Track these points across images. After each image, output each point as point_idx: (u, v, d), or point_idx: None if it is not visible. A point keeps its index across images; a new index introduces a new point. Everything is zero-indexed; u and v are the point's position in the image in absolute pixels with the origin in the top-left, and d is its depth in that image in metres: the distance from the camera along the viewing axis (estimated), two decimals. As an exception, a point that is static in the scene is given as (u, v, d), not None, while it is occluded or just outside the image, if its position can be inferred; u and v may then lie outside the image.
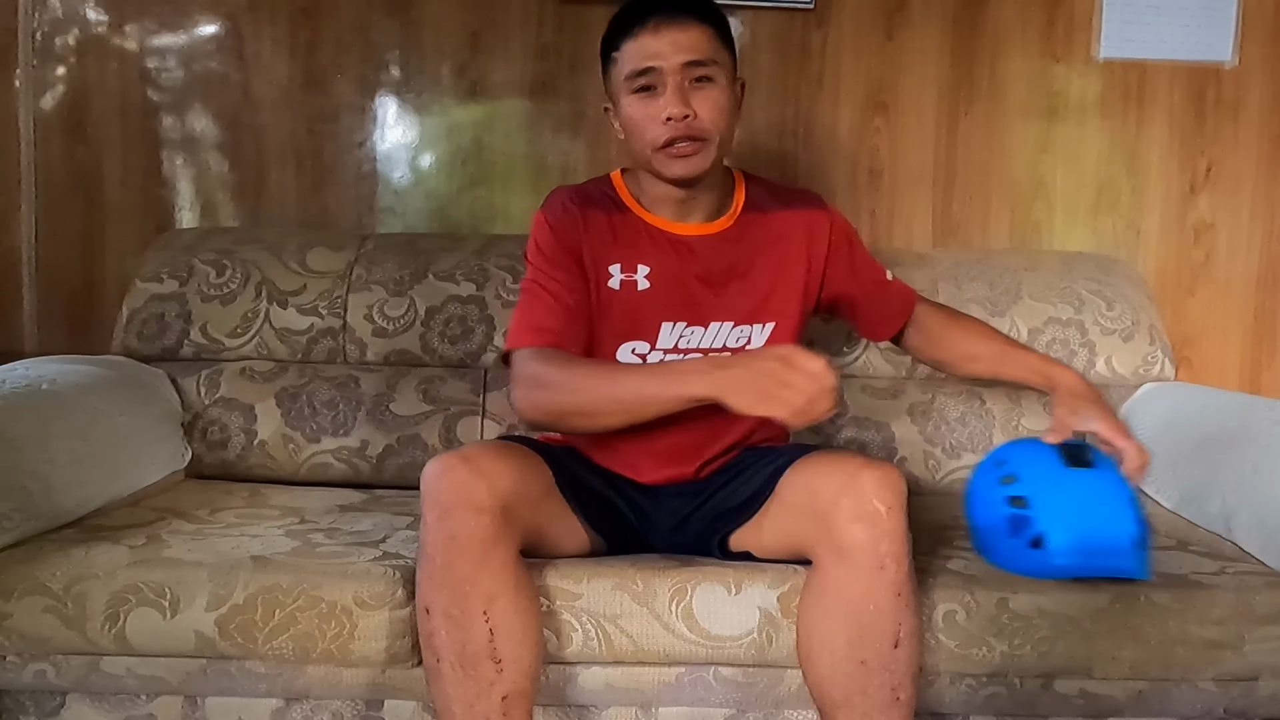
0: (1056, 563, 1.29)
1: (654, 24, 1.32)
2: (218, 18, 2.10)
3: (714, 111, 1.34)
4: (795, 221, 1.47)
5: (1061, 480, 1.32)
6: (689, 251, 1.42)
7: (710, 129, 1.34)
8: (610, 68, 1.38)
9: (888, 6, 2.10)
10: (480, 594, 1.17)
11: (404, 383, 1.84)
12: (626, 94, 1.35)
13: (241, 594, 1.29)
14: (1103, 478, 1.33)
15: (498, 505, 1.18)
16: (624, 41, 1.35)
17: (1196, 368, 2.17)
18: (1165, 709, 1.35)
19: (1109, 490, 1.32)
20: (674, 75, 1.32)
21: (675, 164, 1.35)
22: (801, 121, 2.12)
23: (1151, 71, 2.12)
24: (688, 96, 1.32)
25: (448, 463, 1.20)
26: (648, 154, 1.36)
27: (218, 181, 2.14)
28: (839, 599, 1.19)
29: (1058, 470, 1.33)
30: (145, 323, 1.87)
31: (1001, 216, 2.15)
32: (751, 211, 1.46)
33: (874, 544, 1.16)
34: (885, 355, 1.87)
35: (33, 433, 1.44)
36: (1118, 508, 1.31)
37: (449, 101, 2.13)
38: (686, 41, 1.32)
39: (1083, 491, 1.31)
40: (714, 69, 1.34)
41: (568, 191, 1.45)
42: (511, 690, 1.18)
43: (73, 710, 1.37)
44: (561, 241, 1.40)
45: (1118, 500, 1.31)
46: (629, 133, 1.38)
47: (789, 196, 1.50)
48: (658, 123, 1.33)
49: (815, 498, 1.20)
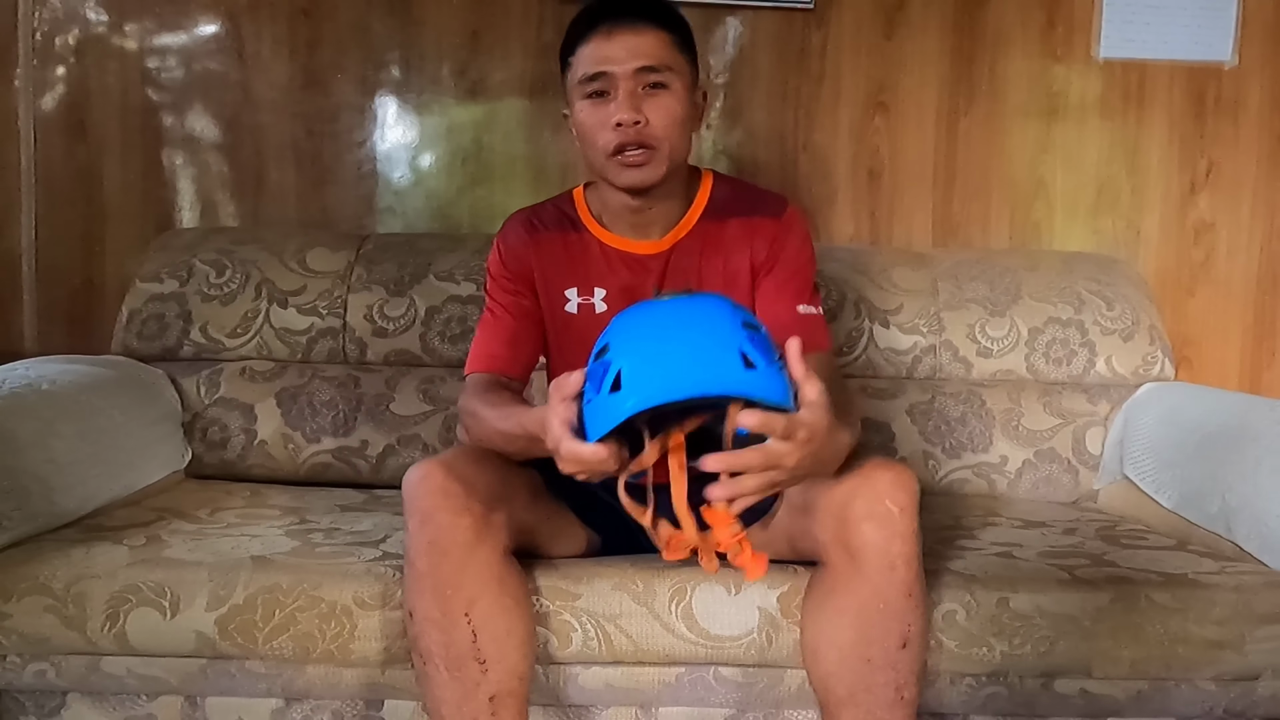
0: (637, 395, 1.02)
1: (607, 28, 1.30)
2: (218, 18, 2.10)
3: (666, 119, 1.30)
4: (746, 229, 1.39)
5: (644, 312, 1.09)
6: (644, 270, 1.39)
7: (661, 137, 1.30)
8: (566, 72, 1.36)
9: (888, 6, 2.10)
10: (462, 596, 1.18)
11: (404, 383, 1.84)
12: (579, 98, 1.33)
13: (241, 594, 1.29)
14: (697, 302, 1.08)
15: (478, 508, 1.19)
16: (579, 46, 1.32)
17: (1196, 368, 2.17)
18: (1165, 709, 1.34)
19: (704, 310, 1.07)
20: (626, 81, 1.29)
21: (625, 173, 1.32)
22: (801, 121, 2.12)
23: (1151, 71, 2.12)
24: (639, 103, 1.29)
25: (426, 469, 1.20)
26: (600, 161, 1.33)
27: (218, 181, 2.14)
28: (849, 598, 1.18)
29: (642, 305, 1.10)
30: (145, 323, 1.87)
31: (1001, 216, 2.15)
32: (709, 219, 1.40)
33: (886, 544, 1.16)
34: (885, 355, 1.87)
35: (33, 433, 1.44)
36: (713, 325, 1.05)
37: (449, 101, 2.13)
38: (640, 46, 1.29)
39: (668, 317, 1.07)
40: (668, 75, 1.31)
41: (524, 216, 1.45)
42: (499, 690, 1.19)
43: (73, 710, 1.37)
44: (510, 269, 1.42)
45: (714, 318, 1.05)
46: (582, 138, 1.35)
47: (751, 201, 1.42)
48: (608, 128, 1.30)
49: (827, 497, 1.20)
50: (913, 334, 1.87)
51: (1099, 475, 1.82)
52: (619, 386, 1.02)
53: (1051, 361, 1.87)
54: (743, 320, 1.06)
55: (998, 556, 1.43)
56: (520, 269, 1.41)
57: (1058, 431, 1.83)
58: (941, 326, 1.87)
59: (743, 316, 1.06)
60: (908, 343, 1.87)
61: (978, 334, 1.87)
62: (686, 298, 1.09)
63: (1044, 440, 1.83)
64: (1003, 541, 1.51)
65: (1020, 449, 1.82)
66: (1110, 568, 1.39)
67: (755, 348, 1.03)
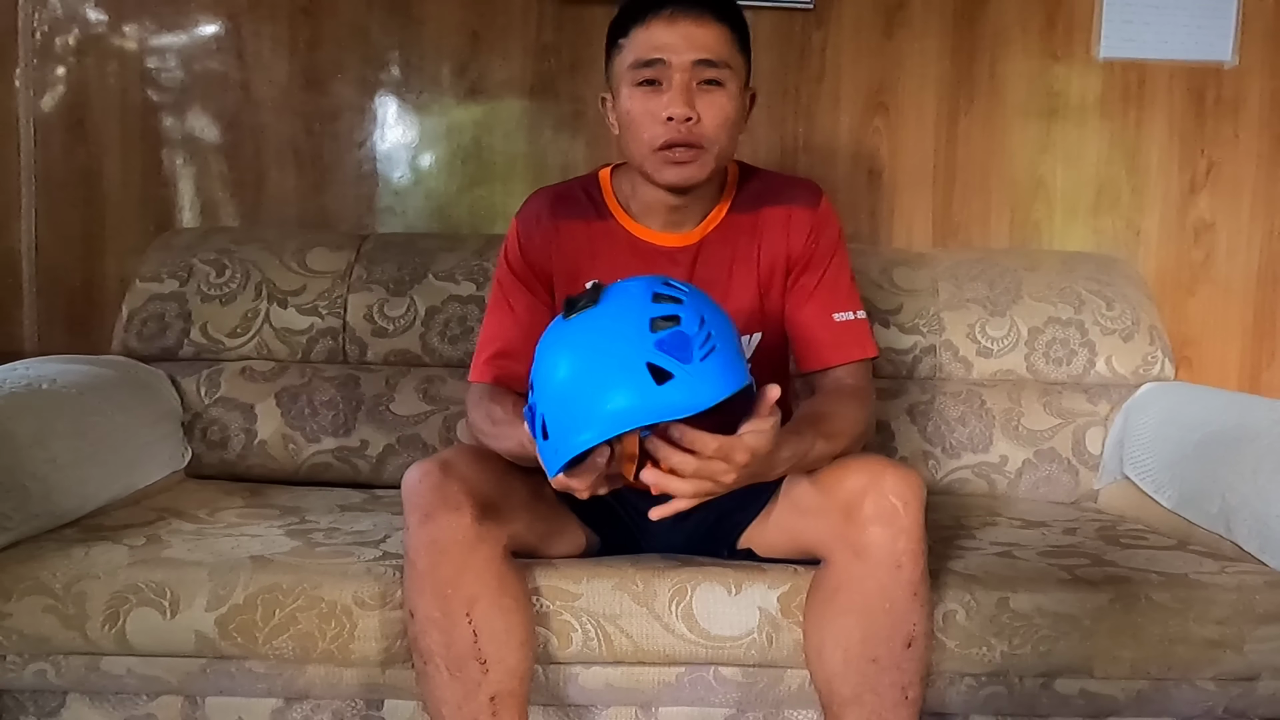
0: (561, 445, 1.00)
1: (670, 13, 1.23)
2: (218, 18, 2.10)
3: (718, 118, 1.25)
4: (778, 217, 1.34)
5: (552, 342, 1.03)
6: (672, 264, 1.33)
7: (711, 137, 1.25)
8: (615, 54, 1.28)
9: (888, 6, 2.10)
10: (462, 596, 1.17)
11: (404, 383, 1.84)
12: (628, 85, 1.25)
13: (241, 594, 1.29)
14: (600, 316, 1.00)
15: (477, 508, 1.18)
16: (634, 27, 1.25)
17: (1196, 368, 2.17)
18: (1165, 709, 1.34)
19: (608, 325, 0.99)
20: (682, 72, 1.23)
21: (669, 170, 1.26)
22: (801, 121, 2.12)
23: (1151, 71, 2.12)
24: (693, 98, 1.23)
25: (426, 468, 1.20)
26: (642, 154, 1.27)
27: (218, 181, 2.14)
28: (854, 597, 1.18)
29: (550, 331, 1.04)
30: (145, 323, 1.87)
31: (1001, 216, 2.15)
32: (739, 211, 1.36)
33: (892, 542, 1.16)
34: (885, 355, 1.87)
35: (33, 432, 1.44)
36: (616, 344, 0.98)
37: (449, 101, 2.13)
38: (702, 38, 1.23)
39: (576, 343, 1.00)
40: (725, 73, 1.25)
41: (547, 199, 1.39)
42: (499, 690, 1.18)
43: (73, 710, 1.37)
44: (529, 260, 1.36)
45: (618, 332, 0.98)
46: (624, 128, 1.28)
47: (781, 190, 1.37)
48: (657, 121, 1.24)
49: (832, 496, 1.20)
50: (913, 334, 1.87)
51: (1099, 475, 1.82)
52: (547, 434, 1.01)
53: (1051, 361, 1.87)
54: (650, 319, 0.99)
55: (998, 556, 1.43)
56: (538, 257, 1.36)
57: (1058, 431, 1.83)
58: (941, 326, 1.87)
59: (650, 313, 0.99)
60: (908, 343, 1.87)
61: (978, 334, 1.87)
62: (589, 313, 1.01)
63: (1044, 440, 1.83)
64: (1003, 541, 1.51)
65: (1020, 449, 1.83)
66: (1110, 568, 1.39)
67: (669, 351, 0.97)
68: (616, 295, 1.03)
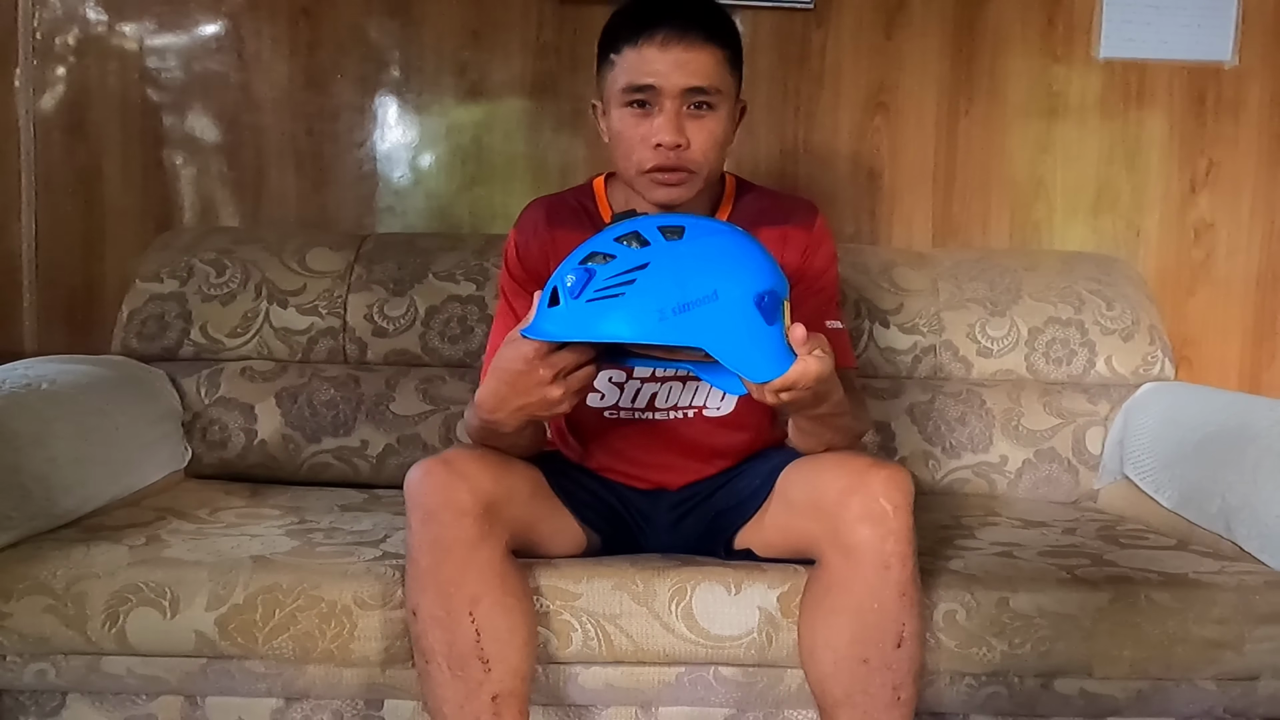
0: (662, 325, 1.04)
1: (663, 37, 1.22)
2: (218, 18, 2.10)
3: (708, 143, 1.26)
4: (777, 239, 1.34)
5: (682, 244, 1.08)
6: None
7: (700, 161, 1.26)
8: (606, 69, 1.29)
9: (888, 6, 2.10)
10: (465, 595, 1.17)
11: (404, 383, 1.84)
12: (618, 105, 1.27)
13: (241, 594, 1.29)
14: (615, 229, 1.08)
15: (480, 506, 1.18)
16: (625, 47, 1.25)
17: (1196, 368, 2.17)
18: (1165, 709, 1.35)
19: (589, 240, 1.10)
20: (672, 100, 1.23)
21: (658, 191, 1.28)
22: (801, 121, 2.12)
23: (1151, 71, 2.12)
24: (683, 124, 1.24)
25: (429, 466, 1.20)
26: (631, 174, 1.29)
27: (218, 181, 2.14)
28: (843, 597, 1.18)
29: (685, 229, 1.09)
30: (145, 323, 1.87)
31: (1001, 216, 2.15)
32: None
33: (880, 543, 1.16)
34: (885, 355, 1.87)
35: (33, 433, 1.44)
36: (572, 256, 1.08)
37: (449, 101, 2.13)
38: (693, 65, 1.23)
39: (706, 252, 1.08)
40: (716, 97, 1.25)
41: (543, 208, 1.40)
42: (501, 690, 1.18)
43: (73, 710, 1.37)
44: (528, 268, 1.37)
45: (581, 249, 1.08)
46: (614, 145, 1.30)
47: (777, 209, 1.39)
48: (647, 145, 1.25)
49: (821, 495, 1.20)
50: (913, 334, 1.87)
51: (1099, 475, 1.82)
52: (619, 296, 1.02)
53: (1051, 361, 1.87)
54: (594, 250, 1.06)
55: (998, 556, 1.43)
56: (536, 266, 1.36)
57: (1058, 431, 1.83)
58: (941, 326, 1.87)
59: (600, 245, 1.06)
60: (908, 343, 1.87)
61: (978, 334, 1.87)
62: (623, 224, 1.08)
63: (1044, 440, 1.83)
64: (1003, 541, 1.51)
65: (1020, 449, 1.83)
66: (1110, 567, 1.39)
67: (576, 283, 1.04)
68: (633, 222, 1.09)
